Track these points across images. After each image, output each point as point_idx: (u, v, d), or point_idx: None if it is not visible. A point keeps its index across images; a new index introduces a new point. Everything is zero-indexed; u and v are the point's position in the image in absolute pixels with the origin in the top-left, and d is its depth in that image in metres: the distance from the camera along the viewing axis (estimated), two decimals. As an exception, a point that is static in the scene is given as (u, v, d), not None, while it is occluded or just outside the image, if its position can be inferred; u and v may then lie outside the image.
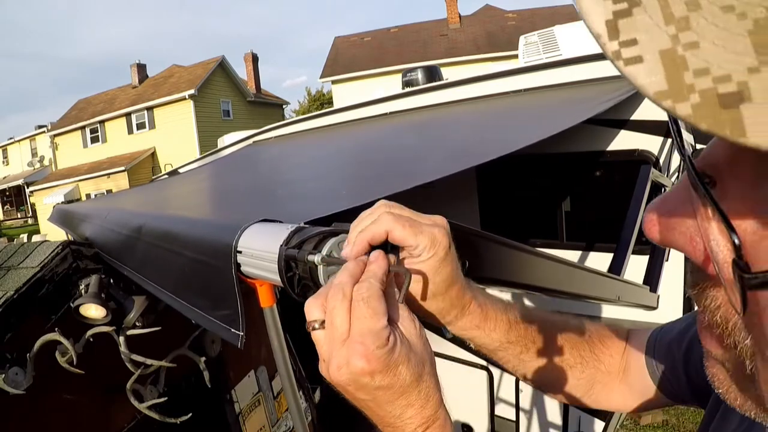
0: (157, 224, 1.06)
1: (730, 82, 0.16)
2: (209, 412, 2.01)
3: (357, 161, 2.09)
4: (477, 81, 2.77)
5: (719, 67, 0.16)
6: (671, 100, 0.17)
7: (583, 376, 0.61)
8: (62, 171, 19.94)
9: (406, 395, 0.39)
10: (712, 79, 0.16)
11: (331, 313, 0.39)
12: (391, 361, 0.38)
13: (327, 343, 0.40)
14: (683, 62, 0.17)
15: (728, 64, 0.16)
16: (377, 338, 0.38)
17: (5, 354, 1.35)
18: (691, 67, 0.17)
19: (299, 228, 0.58)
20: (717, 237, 0.24)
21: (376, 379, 0.38)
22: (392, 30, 18.83)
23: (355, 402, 0.41)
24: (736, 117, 0.16)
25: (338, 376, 0.38)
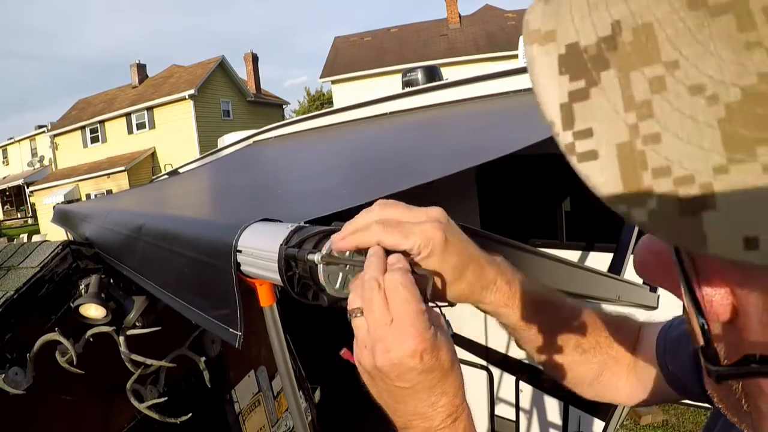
0: (157, 224, 1.06)
1: (693, 185, 0.14)
2: (209, 412, 2.01)
3: (357, 161, 2.09)
4: (477, 81, 2.77)
5: (681, 166, 0.15)
6: (626, 205, 0.16)
7: (595, 361, 0.60)
8: (62, 171, 19.95)
9: (443, 381, 0.39)
10: (672, 180, 0.15)
11: (370, 301, 0.39)
12: (435, 343, 0.38)
13: (370, 328, 0.39)
14: (642, 159, 0.15)
15: (692, 163, 0.14)
16: (423, 319, 0.38)
17: (5, 354, 1.35)
18: (651, 165, 0.15)
19: (299, 227, 0.58)
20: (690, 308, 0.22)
21: (425, 359, 0.37)
22: (392, 30, 18.83)
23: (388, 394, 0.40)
24: (697, 226, 0.14)
25: (385, 359, 0.37)
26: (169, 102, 18.27)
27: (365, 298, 0.40)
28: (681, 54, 0.16)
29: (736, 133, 0.14)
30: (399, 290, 0.39)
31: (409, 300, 0.39)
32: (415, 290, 0.40)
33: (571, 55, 0.19)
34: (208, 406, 2.00)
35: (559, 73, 0.19)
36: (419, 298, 0.40)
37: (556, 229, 2.71)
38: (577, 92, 0.18)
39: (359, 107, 3.31)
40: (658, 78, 0.16)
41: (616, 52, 0.17)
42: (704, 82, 0.15)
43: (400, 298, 0.39)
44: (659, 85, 0.16)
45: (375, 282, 0.40)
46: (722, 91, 0.14)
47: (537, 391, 2.50)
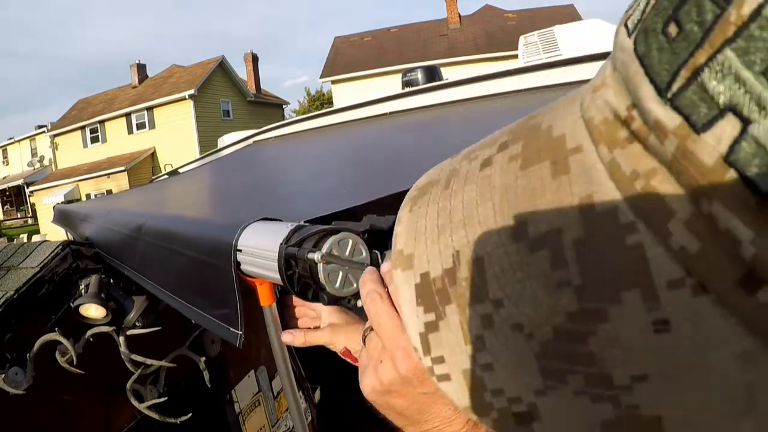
0: (157, 224, 1.06)
1: (521, 403, 0.17)
2: (209, 412, 2.00)
3: (357, 161, 2.09)
4: (477, 81, 2.77)
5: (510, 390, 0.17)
6: (476, 415, 0.18)
7: None
8: (62, 171, 19.94)
9: None
10: (506, 399, 0.17)
11: (378, 314, 0.38)
12: None
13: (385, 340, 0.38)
14: (482, 383, 0.18)
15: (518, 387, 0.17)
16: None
17: (5, 354, 1.35)
18: (489, 387, 0.18)
19: (299, 226, 0.58)
20: None
21: None
22: (392, 30, 18.83)
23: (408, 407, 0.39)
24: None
25: (408, 364, 0.36)
26: (169, 102, 18.27)
27: (371, 313, 0.39)
28: (504, 293, 0.18)
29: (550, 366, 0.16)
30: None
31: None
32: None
33: (424, 286, 0.21)
34: (208, 406, 2.00)
35: (417, 304, 0.21)
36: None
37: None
38: (429, 324, 0.20)
39: (359, 107, 3.31)
40: (488, 316, 0.18)
41: (455, 287, 0.20)
42: (522, 321, 0.17)
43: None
44: (488, 322, 0.18)
45: (375, 294, 0.39)
46: (537, 330, 0.17)
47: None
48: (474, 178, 0.21)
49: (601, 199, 0.16)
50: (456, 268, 0.20)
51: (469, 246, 0.19)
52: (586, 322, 0.16)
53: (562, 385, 0.16)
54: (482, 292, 0.18)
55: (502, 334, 0.18)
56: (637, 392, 0.15)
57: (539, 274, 0.17)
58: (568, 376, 0.16)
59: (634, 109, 0.15)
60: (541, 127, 0.20)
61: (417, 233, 0.23)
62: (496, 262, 0.18)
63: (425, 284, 0.21)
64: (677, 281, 0.14)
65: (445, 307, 0.20)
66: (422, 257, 0.22)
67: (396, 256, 0.23)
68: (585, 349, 0.16)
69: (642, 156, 0.15)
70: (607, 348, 0.15)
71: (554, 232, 0.17)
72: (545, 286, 0.17)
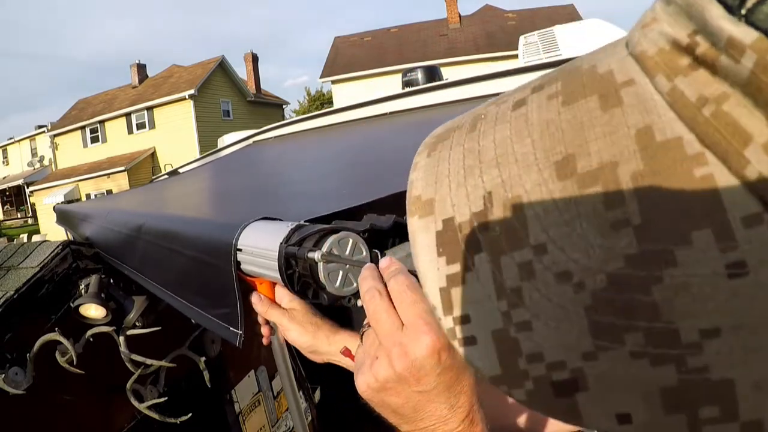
0: (157, 223, 1.06)
1: (564, 370, 0.15)
2: (209, 412, 2.00)
3: (357, 161, 2.09)
4: (477, 81, 2.77)
5: (552, 353, 0.15)
6: (506, 386, 0.16)
7: None
8: (62, 171, 19.94)
9: (460, 379, 0.38)
10: (545, 365, 0.15)
11: (376, 311, 0.38)
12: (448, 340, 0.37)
13: (382, 338, 0.38)
14: (516, 346, 0.16)
15: (562, 349, 0.15)
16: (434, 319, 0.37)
17: (5, 354, 1.35)
18: (524, 351, 0.15)
19: (299, 226, 0.58)
20: None
21: (443, 357, 0.36)
22: (392, 30, 18.83)
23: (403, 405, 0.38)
24: (571, 405, 0.15)
25: (404, 362, 0.36)
26: (169, 102, 18.27)
27: (369, 309, 0.39)
28: (549, 236, 0.16)
29: (603, 321, 0.14)
30: (405, 293, 0.38)
31: (416, 300, 0.38)
32: (420, 290, 0.39)
33: (447, 233, 0.19)
34: (208, 406, 1.99)
35: (438, 255, 0.19)
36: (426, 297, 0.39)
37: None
38: (453, 277, 0.18)
39: (359, 107, 3.30)
40: (527, 264, 0.16)
41: (487, 233, 0.17)
42: (570, 268, 0.15)
43: (408, 300, 0.38)
44: (528, 271, 0.16)
45: (374, 291, 0.39)
46: (588, 278, 0.15)
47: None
48: (506, 117, 0.19)
49: (662, 129, 0.14)
50: (488, 210, 0.17)
51: (503, 186, 0.17)
52: (649, 267, 0.14)
53: (616, 346, 0.14)
54: (521, 237, 0.16)
55: (544, 285, 0.15)
56: (706, 351, 0.13)
57: (591, 213, 0.15)
58: (624, 334, 0.14)
59: (698, 35, 0.14)
60: (582, 67, 0.18)
61: (438, 177, 0.20)
62: (537, 202, 0.16)
63: (449, 231, 0.18)
64: (754, 217, 0.13)
65: (473, 256, 0.17)
66: (445, 201, 0.19)
67: (412, 203, 0.21)
68: (647, 299, 0.14)
69: (709, 81, 0.14)
70: (673, 298, 0.13)
71: (608, 166, 0.15)
72: (599, 226, 0.15)
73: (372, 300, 0.38)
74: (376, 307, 0.38)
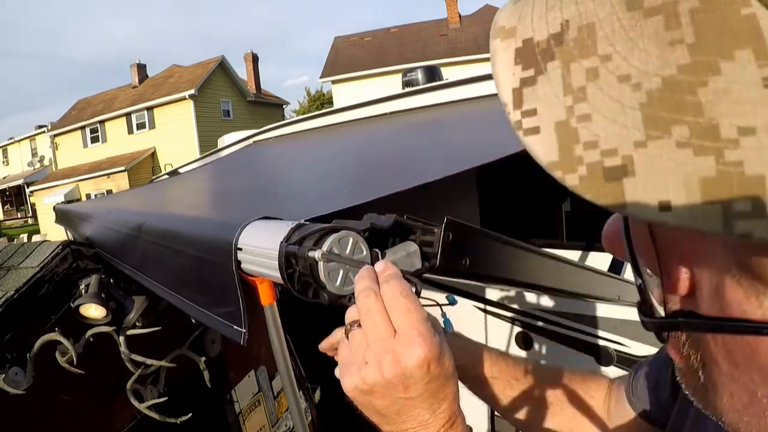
0: (157, 223, 1.06)
1: (616, 156, 0.17)
2: (209, 412, 2.00)
3: (357, 161, 2.09)
4: (477, 81, 2.77)
5: (607, 141, 0.17)
6: (561, 171, 0.18)
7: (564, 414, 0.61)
8: (62, 171, 19.94)
9: (445, 387, 0.39)
10: (600, 152, 0.17)
11: (370, 313, 0.38)
12: (441, 351, 0.38)
13: (372, 340, 0.38)
14: (575, 135, 0.18)
15: (616, 138, 0.17)
16: (429, 327, 0.38)
17: (5, 354, 1.35)
18: (582, 139, 0.18)
19: (299, 225, 0.58)
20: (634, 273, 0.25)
21: (432, 368, 0.37)
22: (392, 30, 18.83)
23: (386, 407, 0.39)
24: (618, 190, 0.17)
25: (395, 370, 0.37)
26: (169, 102, 18.27)
27: (362, 310, 0.39)
28: (614, 49, 0.18)
29: (655, 115, 0.16)
30: (399, 299, 0.38)
31: (410, 308, 0.38)
32: (414, 297, 0.39)
33: (526, 48, 0.21)
34: (208, 406, 1.99)
35: (514, 64, 0.21)
36: (419, 304, 0.39)
37: (556, 229, 2.71)
38: (526, 79, 0.21)
39: (359, 107, 3.30)
40: (593, 69, 0.19)
41: (561, 46, 0.20)
42: (631, 72, 0.17)
43: (401, 307, 0.38)
44: (593, 74, 0.18)
45: (371, 292, 0.39)
46: (645, 80, 0.17)
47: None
48: None
49: None
50: (564, 32, 0.20)
51: (579, 15, 0.20)
52: (698, 73, 0.16)
53: (665, 136, 0.16)
54: (590, 49, 0.19)
55: (606, 85, 0.18)
56: (743, 146, 0.15)
57: (652, 33, 0.17)
58: (672, 126, 0.16)
59: None
60: None
61: (522, 14, 0.23)
62: (607, 26, 0.19)
63: (527, 47, 0.21)
64: None
65: (546, 63, 0.20)
66: (526, 27, 0.22)
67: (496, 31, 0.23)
68: (694, 99, 0.16)
69: None
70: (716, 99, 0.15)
71: (670, 3, 0.17)
72: (657, 43, 0.17)
73: (367, 299, 0.39)
74: (371, 308, 0.39)
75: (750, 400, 0.23)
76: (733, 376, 0.23)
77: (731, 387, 0.24)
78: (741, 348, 0.22)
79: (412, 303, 0.38)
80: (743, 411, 0.24)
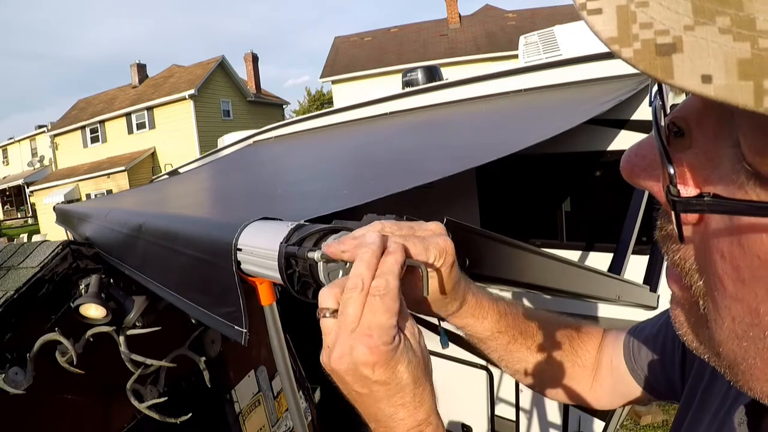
0: (157, 223, 1.06)
1: (668, 36, 0.19)
2: (209, 412, 2.00)
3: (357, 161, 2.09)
4: (477, 81, 2.77)
5: (660, 23, 0.19)
6: (618, 45, 0.20)
7: (560, 367, 0.64)
8: (62, 171, 19.94)
9: (401, 395, 0.40)
10: (653, 32, 0.20)
11: (346, 303, 0.40)
12: (392, 358, 0.39)
13: (335, 331, 0.41)
14: (633, 16, 0.20)
15: (668, 21, 0.19)
16: (385, 334, 0.39)
17: (5, 354, 1.35)
18: (639, 20, 0.20)
19: (299, 225, 0.58)
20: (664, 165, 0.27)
21: (376, 372, 0.39)
22: (392, 30, 18.83)
23: (351, 395, 0.42)
24: (667, 63, 0.19)
25: (339, 364, 0.39)
26: (169, 102, 18.26)
27: (343, 297, 0.40)
28: None
29: (703, 5, 0.19)
30: (375, 301, 0.40)
31: (379, 311, 0.39)
32: (394, 303, 0.40)
33: None
34: (208, 406, 1.99)
35: None
36: (395, 310, 0.40)
37: (556, 229, 2.71)
38: None
39: (359, 107, 3.31)
40: None
41: None
42: None
43: (373, 307, 0.39)
44: None
45: (360, 283, 0.40)
46: None
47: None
48: None
49: None
50: None
51: None
52: None
53: (710, 23, 0.18)
54: None
55: None
56: None
57: None
58: (716, 17, 0.18)
59: None
60: None
61: None
62: None
63: None
64: None
65: None
66: None
67: None
68: None
69: None
70: None
71: None
72: None
73: (353, 288, 0.40)
74: (352, 298, 0.40)
75: (752, 321, 0.25)
76: (737, 296, 0.25)
77: (734, 309, 0.26)
78: (749, 260, 0.24)
79: (384, 307, 0.39)
80: (743, 335, 0.26)
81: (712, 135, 0.26)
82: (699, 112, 0.27)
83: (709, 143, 0.26)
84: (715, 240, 0.26)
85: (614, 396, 0.64)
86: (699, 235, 0.27)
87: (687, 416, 0.46)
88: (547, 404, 2.51)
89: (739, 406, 0.35)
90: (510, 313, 0.59)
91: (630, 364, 0.61)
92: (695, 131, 0.27)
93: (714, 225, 0.26)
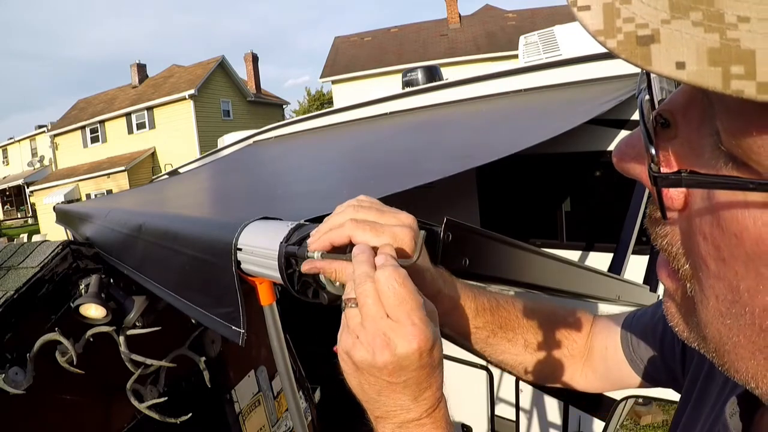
0: (157, 223, 1.06)
1: (647, 28, 0.21)
2: (209, 412, 2.00)
3: (357, 161, 2.09)
4: (477, 81, 2.77)
5: (641, 18, 0.22)
6: (604, 37, 0.23)
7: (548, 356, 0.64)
8: (62, 171, 19.94)
9: (431, 375, 0.41)
10: (635, 25, 0.22)
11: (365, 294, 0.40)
12: (435, 339, 0.40)
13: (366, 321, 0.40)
14: (617, 12, 0.23)
15: (648, 16, 0.22)
16: (423, 316, 0.40)
17: (5, 354, 1.35)
18: (622, 15, 0.22)
19: (299, 225, 0.58)
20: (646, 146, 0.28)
21: (423, 357, 0.39)
22: (392, 30, 18.83)
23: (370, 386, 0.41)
24: (646, 52, 0.22)
25: (385, 355, 0.38)
26: (169, 102, 18.27)
27: (359, 290, 0.41)
28: None
29: (678, 2, 0.21)
30: (395, 287, 0.40)
31: (405, 298, 0.39)
32: (411, 284, 0.40)
33: None
34: (208, 406, 2.00)
35: None
36: (416, 292, 0.40)
37: (556, 229, 2.71)
38: None
39: (359, 107, 3.31)
40: None
41: None
42: None
43: (398, 297, 0.39)
44: None
45: (367, 277, 0.41)
46: None
47: (537, 391, 2.50)
48: None
49: None
50: None
51: None
52: None
53: (684, 17, 0.21)
54: None
55: None
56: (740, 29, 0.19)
57: None
58: (690, 11, 0.21)
59: None
60: None
61: None
62: None
63: None
64: None
65: None
66: None
67: None
68: None
69: None
70: None
71: None
72: None
73: (365, 283, 0.41)
74: (367, 289, 0.40)
75: (733, 298, 0.27)
76: (719, 275, 0.27)
77: (717, 288, 0.28)
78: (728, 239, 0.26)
79: (408, 291, 0.40)
80: (726, 313, 0.28)
81: (695, 126, 0.28)
82: (684, 105, 0.29)
83: (693, 133, 0.28)
84: (697, 221, 0.28)
85: (605, 381, 0.65)
86: (684, 220, 0.29)
87: (686, 410, 0.47)
88: (547, 404, 2.51)
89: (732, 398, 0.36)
90: (490, 308, 0.60)
91: (629, 355, 0.61)
92: (680, 123, 0.29)
93: (696, 207, 0.28)
